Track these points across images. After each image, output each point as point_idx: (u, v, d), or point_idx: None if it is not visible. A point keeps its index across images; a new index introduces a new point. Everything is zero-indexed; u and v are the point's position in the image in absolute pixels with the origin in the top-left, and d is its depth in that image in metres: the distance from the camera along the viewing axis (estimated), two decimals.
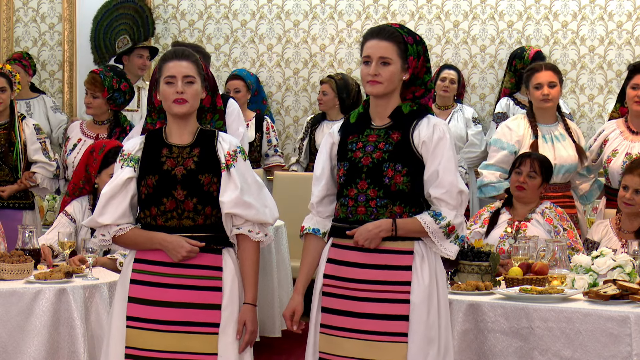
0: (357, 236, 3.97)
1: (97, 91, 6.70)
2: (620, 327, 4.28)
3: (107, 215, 4.05)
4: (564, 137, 6.26)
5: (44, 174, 6.72)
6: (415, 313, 3.95)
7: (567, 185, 6.29)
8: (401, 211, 3.99)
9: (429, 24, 8.72)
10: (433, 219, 3.97)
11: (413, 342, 3.94)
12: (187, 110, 4.05)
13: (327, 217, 4.12)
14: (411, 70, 4.02)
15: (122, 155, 4.10)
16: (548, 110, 6.27)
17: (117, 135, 6.74)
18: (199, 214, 4.02)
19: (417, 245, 4.01)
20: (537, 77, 6.22)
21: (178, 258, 4.00)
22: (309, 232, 4.12)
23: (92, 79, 6.73)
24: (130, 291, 4.04)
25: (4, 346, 4.70)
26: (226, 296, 4.04)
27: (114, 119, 6.82)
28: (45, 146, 6.75)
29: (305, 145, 8.38)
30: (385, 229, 3.96)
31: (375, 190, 3.99)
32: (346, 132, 4.09)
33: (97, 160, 5.71)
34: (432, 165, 3.98)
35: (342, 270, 4.03)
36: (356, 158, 4.02)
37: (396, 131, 4.02)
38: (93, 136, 6.80)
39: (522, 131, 6.22)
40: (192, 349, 4.00)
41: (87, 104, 6.79)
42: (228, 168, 4.04)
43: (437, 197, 3.98)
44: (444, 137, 3.99)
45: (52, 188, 6.82)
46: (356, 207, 4.01)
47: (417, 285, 3.97)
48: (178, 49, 4.15)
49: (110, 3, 8.77)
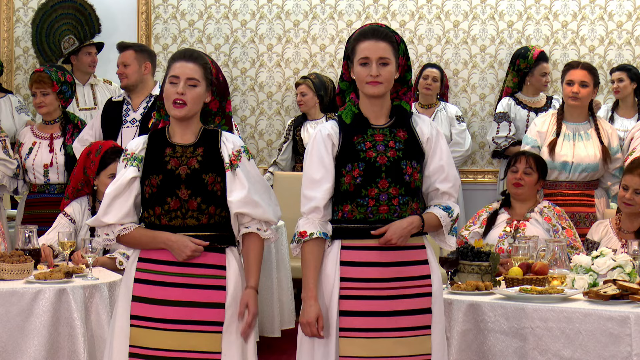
0: (391, 234, 3.98)
1: (47, 87, 6.69)
2: (620, 327, 4.28)
3: (111, 215, 4.05)
4: (589, 137, 6.26)
5: (4, 171, 6.65)
6: (436, 305, 4.08)
7: (587, 185, 6.28)
8: (417, 207, 4.08)
9: (429, 24, 8.72)
10: (446, 212, 4.09)
11: (435, 333, 4.07)
12: (185, 114, 4.04)
13: (327, 220, 4.10)
14: (401, 68, 4.09)
15: (126, 154, 4.10)
16: (577, 108, 6.29)
17: (71, 132, 6.76)
18: (202, 214, 4.03)
19: (425, 239, 4.12)
20: (571, 73, 6.26)
21: (182, 257, 4.00)
22: (319, 237, 4.05)
23: (38, 77, 6.71)
24: (134, 290, 4.04)
25: (4, 346, 4.70)
26: (230, 295, 4.04)
27: (64, 116, 6.82)
28: (5, 144, 6.68)
29: (286, 147, 8.41)
30: (417, 225, 4.04)
31: (397, 189, 4.03)
32: (348, 133, 4.08)
33: (95, 162, 5.71)
34: (436, 160, 4.09)
35: (361, 271, 4.02)
36: (371, 158, 4.03)
37: (400, 129, 4.08)
38: (47, 137, 6.78)
39: (547, 127, 6.28)
40: (195, 348, 4.00)
41: (39, 104, 6.74)
42: (233, 168, 4.04)
43: (445, 190, 4.10)
44: (440, 133, 4.14)
45: (10, 187, 6.74)
46: (377, 207, 4.02)
47: (435, 278, 4.10)
48: (188, 50, 4.15)
49: (47, 5, 8.70)
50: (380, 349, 4.00)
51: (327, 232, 4.06)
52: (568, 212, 5.77)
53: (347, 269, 4.04)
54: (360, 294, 4.02)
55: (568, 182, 6.13)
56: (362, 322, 4.00)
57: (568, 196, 5.88)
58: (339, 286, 4.03)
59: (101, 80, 8.36)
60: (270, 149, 8.88)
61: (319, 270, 4.07)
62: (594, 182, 6.31)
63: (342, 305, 4.03)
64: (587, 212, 6.08)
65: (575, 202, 5.85)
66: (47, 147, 6.74)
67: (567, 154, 6.09)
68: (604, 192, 6.41)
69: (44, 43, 8.69)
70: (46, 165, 6.73)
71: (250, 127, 8.92)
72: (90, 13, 8.65)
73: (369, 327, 4.00)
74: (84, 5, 8.68)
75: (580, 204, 5.93)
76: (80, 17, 8.63)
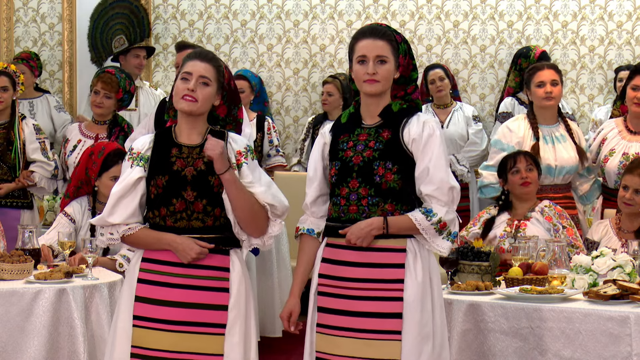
0: (350, 235, 3.99)
1: (112, 92, 6.74)
2: (620, 327, 4.28)
3: (117, 215, 4.04)
4: (565, 138, 6.25)
5: (42, 173, 6.72)
6: (408, 310, 3.96)
7: (567, 186, 6.28)
8: (393, 209, 4.01)
9: (429, 24, 8.72)
10: (424, 215, 3.99)
11: (407, 339, 3.95)
12: (192, 109, 4.01)
13: (321, 217, 4.14)
14: (401, 68, 4.07)
15: (132, 153, 4.08)
16: (549, 110, 6.26)
17: (117, 135, 6.76)
18: (208, 215, 4.02)
19: (409, 242, 4.03)
20: (540, 75, 6.21)
21: (187, 260, 3.99)
22: (304, 233, 4.15)
23: (109, 79, 6.74)
24: (138, 290, 4.03)
25: (4, 346, 4.70)
26: (233, 297, 4.04)
27: (113, 119, 6.85)
28: (44, 146, 6.75)
29: (307, 145, 8.37)
30: (377, 226, 3.98)
31: (367, 189, 4.00)
32: (337, 132, 4.12)
33: (97, 163, 5.71)
34: (423, 162, 4.00)
35: (337, 269, 4.05)
36: (347, 157, 4.04)
37: (386, 129, 4.05)
38: (93, 136, 6.81)
39: (523, 132, 6.22)
40: (198, 349, 4.00)
41: (99, 104, 6.80)
42: (239, 167, 4.04)
43: (428, 193, 4.00)
44: (433, 134, 4.01)
45: (49, 188, 6.81)
46: (348, 206, 4.03)
47: (410, 283, 3.98)
48: (204, 50, 4.15)
49: (106, 2, 8.76)
50: (348, 348, 3.99)
51: (314, 229, 4.12)
52: None
53: (326, 266, 4.07)
54: (333, 292, 4.04)
55: (552, 185, 6.12)
56: (334, 320, 4.03)
57: (554, 199, 5.86)
58: (317, 282, 4.08)
59: (147, 84, 8.38)
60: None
61: (306, 265, 4.14)
62: (570, 184, 6.31)
63: (320, 302, 4.07)
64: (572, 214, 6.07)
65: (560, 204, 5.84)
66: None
67: (549, 157, 6.08)
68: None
69: (97, 39, 8.71)
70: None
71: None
72: (144, 16, 8.69)
73: (340, 326, 4.01)
74: (138, 7, 8.72)
75: (565, 206, 5.93)
76: (134, 18, 8.66)
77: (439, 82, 8.19)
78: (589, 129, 8.33)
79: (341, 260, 4.04)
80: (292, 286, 4.19)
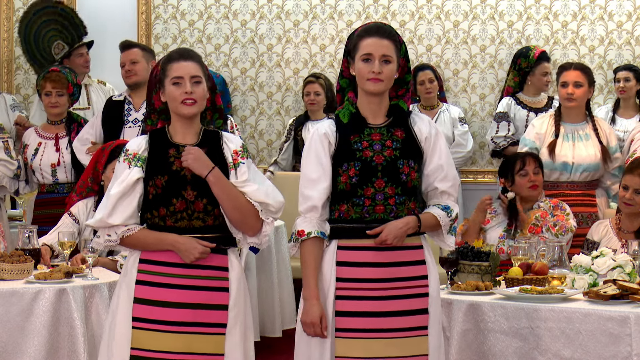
0: (387, 234, 3.98)
1: (63, 88, 6.75)
2: (620, 327, 4.28)
3: (117, 216, 4.01)
4: (589, 137, 6.26)
5: (4, 172, 6.62)
6: (433, 305, 4.07)
7: (588, 185, 6.28)
8: (415, 207, 4.07)
9: (429, 24, 8.72)
10: (445, 212, 4.08)
11: (432, 334, 4.05)
12: (197, 111, 4.03)
13: (325, 220, 4.10)
14: (400, 69, 4.09)
15: (127, 154, 4.05)
16: (574, 109, 6.29)
17: (76, 130, 6.79)
18: (208, 215, 4.01)
19: (422, 239, 4.11)
20: (565, 75, 6.26)
21: (190, 259, 3.98)
22: (317, 236, 4.05)
23: (57, 77, 6.74)
24: (136, 292, 4.01)
25: (4, 346, 4.70)
26: (233, 296, 4.03)
27: (68, 116, 6.88)
28: (7, 145, 6.67)
29: (287, 146, 8.37)
30: (413, 225, 4.03)
31: (393, 188, 4.02)
32: (345, 132, 4.08)
33: (105, 156, 5.72)
34: (435, 159, 4.08)
35: (355, 271, 4.02)
36: (367, 157, 4.03)
37: (398, 129, 4.07)
38: (52, 137, 6.81)
39: (545, 128, 6.27)
40: (198, 350, 3.99)
41: (54, 104, 6.79)
42: (236, 167, 4.03)
43: (445, 190, 4.09)
44: (439, 132, 4.13)
45: (10, 188, 6.71)
46: (374, 206, 4.02)
47: (432, 278, 4.08)
48: (184, 49, 4.13)
49: (28, 13, 8.68)
50: (376, 349, 3.99)
51: (325, 232, 4.06)
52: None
53: (343, 269, 4.04)
54: (356, 295, 4.02)
55: (569, 182, 6.15)
56: (358, 323, 4.00)
57: (570, 196, 5.89)
58: (334, 286, 4.03)
59: (95, 81, 8.35)
60: (270, 149, 8.88)
61: (319, 269, 4.06)
62: (595, 182, 6.31)
63: (338, 306, 4.03)
64: (589, 211, 6.09)
65: (577, 202, 5.86)
66: (53, 146, 6.76)
67: (567, 154, 6.10)
68: (604, 191, 6.41)
69: (34, 50, 8.68)
70: (53, 164, 6.76)
71: (250, 127, 8.92)
72: (73, 16, 8.62)
73: (365, 328, 4.00)
74: (65, 9, 8.65)
75: (582, 203, 5.94)
76: (64, 21, 8.61)
77: (429, 84, 8.20)
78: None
79: (359, 262, 4.03)
80: (310, 291, 4.02)
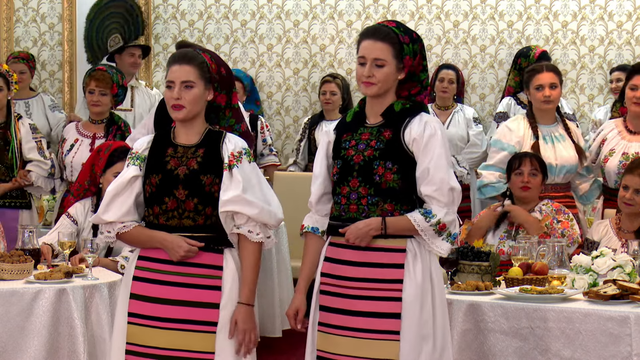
0: (348, 234, 3.99)
1: (107, 88, 6.72)
2: (620, 327, 4.28)
3: (111, 213, 4.07)
4: (564, 138, 6.26)
5: (38, 172, 6.72)
6: (407, 311, 3.95)
7: (567, 186, 6.29)
8: (392, 209, 4.00)
9: (429, 24, 8.72)
10: (423, 216, 3.97)
11: (405, 339, 3.95)
12: (184, 116, 4.05)
13: (325, 216, 4.14)
14: (407, 69, 4.03)
15: (131, 153, 4.13)
16: (548, 111, 6.27)
17: (114, 133, 6.76)
18: (199, 214, 4.03)
19: (409, 243, 4.01)
20: (539, 78, 6.20)
21: (176, 257, 4.01)
22: (308, 231, 4.16)
23: (102, 75, 6.73)
24: (133, 288, 4.05)
25: (4, 346, 4.70)
26: (225, 295, 4.04)
27: (110, 117, 6.85)
28: (40, 145, 6.75)
29: (303, 145, 8.37)
30: (375, 227, 3.97)
31: (366, 188, 4.00)
32: (341, 131, 4.12)
33: (103, 159, 5.72)
34: (423, 162, 3.97)
35: (338, 268, 4.05)
36: (348, 156, 4.04)
37: (388, 129, 4.03)
38: (90, 136, 6.80)
39: (522, 132, 6.22)
40: (190, 347, 4.01)
41: (96, 102, 6.77)
42: (230, 168, 4.03)
43: (428, 194, 3.98)
44: (435, 134, 3.98)
45: (46, 187, 6.80)
46: (348, 205, 4.03)
47: (409, 283, 3.97)
48: (182, 52, 4.14)
49: (101, 1, 8.75)
50: (346, 347, 3.99)
51: (319, 228, 4.13)
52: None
53: (328, 265, 4.07)
54: (335, 291, 4.04)
55: (553, 184, 6.12)
56: (335, 319, 4.03)
57: (555, 199, 5.87)
58: (319, 281, 4.09)
59: (143, 84, 8.35)
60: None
61: (311, 263, 4.14)
62: (570, 184, 6.32)
63: (321, 300, 4.08)
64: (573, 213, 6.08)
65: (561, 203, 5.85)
66: (89, 146, 6.76)
67: (549, 156, 6.08)
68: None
69: (93, 39, 8.72)
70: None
71: None
72: (138, 15, 8.70)
73: (340, 325, 4.01)
74: (133, 6, 8.72)
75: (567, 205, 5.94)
76: (129, 17, 8.66)
77: (448, 84, 8.14)
78: (589, 129, 8.33)
79: (342, 259, 4.04)
80: (297, 284, 4.17)
